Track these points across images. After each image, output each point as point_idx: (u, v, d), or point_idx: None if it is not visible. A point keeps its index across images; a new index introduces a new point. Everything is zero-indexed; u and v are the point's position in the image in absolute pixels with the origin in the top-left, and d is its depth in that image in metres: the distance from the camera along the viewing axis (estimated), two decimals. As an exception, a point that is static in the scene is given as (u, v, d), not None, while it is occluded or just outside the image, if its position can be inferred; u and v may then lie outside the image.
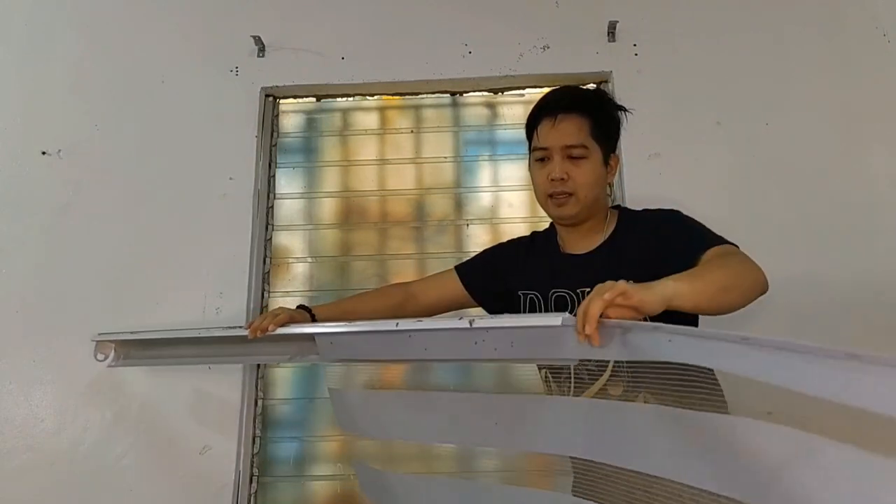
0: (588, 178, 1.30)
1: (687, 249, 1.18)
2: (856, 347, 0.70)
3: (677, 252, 1.18)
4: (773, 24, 2.12)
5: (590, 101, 1.34)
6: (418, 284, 1.57)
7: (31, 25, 2.29)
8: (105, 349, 1.68)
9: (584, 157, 1.29)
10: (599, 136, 1.31)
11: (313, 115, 2.26)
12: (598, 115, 1.32)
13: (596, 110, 1.32)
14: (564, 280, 1.33)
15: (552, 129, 1.31)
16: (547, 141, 1.31)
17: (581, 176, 1.30)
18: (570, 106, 1.31)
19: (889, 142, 2.02)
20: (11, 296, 2.04)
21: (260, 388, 2.01)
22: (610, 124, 1.35)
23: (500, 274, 1.46)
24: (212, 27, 2.24)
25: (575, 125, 1.30)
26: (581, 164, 1.30)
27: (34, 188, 2.13)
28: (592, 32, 2.14)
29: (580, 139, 1.29)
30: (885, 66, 2.08)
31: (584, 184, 1.30)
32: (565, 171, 1.29)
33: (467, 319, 1.14)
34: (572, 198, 1.30)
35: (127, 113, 2.18)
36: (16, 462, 1.92)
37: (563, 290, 1.33)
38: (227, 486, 1.86)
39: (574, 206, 1.31)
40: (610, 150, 1.35)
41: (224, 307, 1.99)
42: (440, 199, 2.16)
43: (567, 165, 1.29)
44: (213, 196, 2.08)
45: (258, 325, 1.36)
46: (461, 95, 2.23)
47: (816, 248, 1.92)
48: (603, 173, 1.33)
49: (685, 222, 1.29)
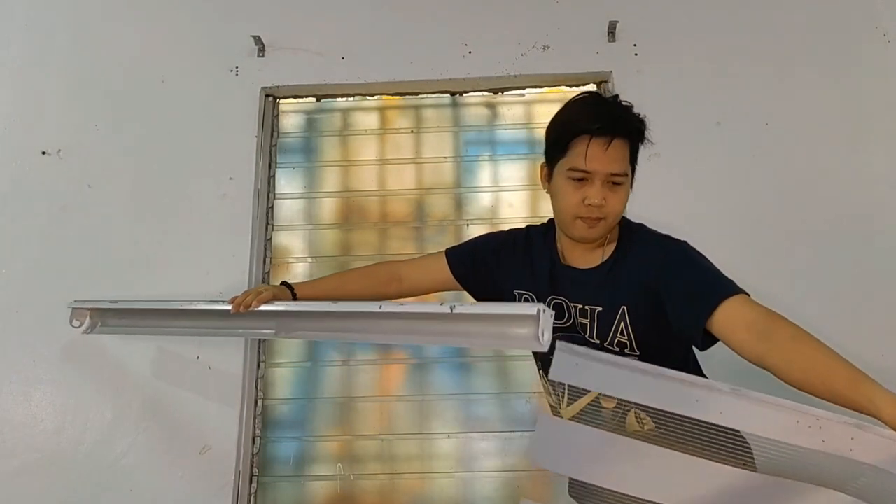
0: (622, 204, 1.26)
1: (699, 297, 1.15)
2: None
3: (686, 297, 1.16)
4: (773, 25, 2.12)
5: (634, 125, 1.26)
6: (406, 268, 1.55)
7: (31, 26, 2.29)
8: (80, 316, 1.71)
9: (622, 184, 1.24)
10: (633, 160, 1.27)
11: (313, 115, 2.26)
12: (636, 139, 1.26)
13: (638, 135, 1.26)
14: (562, 291, 1.32)
15: (603, 154, 1.21)
16: (593, 165, 1.21)
17: (617, 202, 1.24)
18: (621, 130, 1.23)
19: (889, 142, 2.02)
20: (11, 296, 2.04)
21: (260, 388, 2.01)
22: (639, 148, 1.29)
23: (490, 266, 1.43)
24: (212, 27, 2.24)
25: (622, 152, 1.23)
26: (618, 189, 1.24)
27: (34, 188, 2.13)
28: (592, 32, 2.14)
29: (624, 167, 1.23)
30: (885, 66, 2.08)
31: (617, 211, 1.25)
32: (603, 197, 1.22)
33: (448, 305, 1.23)
34: (602, 222, 1.24)
35: (127, 113, 2.18)
36: (16, 462, 1.92)
37: (561, 297, 1.32)
38: (227, 486, 1.86)
39: (602, 230, 1.26)
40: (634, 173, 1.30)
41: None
42: (440, 199, 2.16)
43: (605, 191, 1.23)
44: (213, 196, 2.08)
45: (241, 301, 1.39)
46: (461, 95, 2.23)
47: (816, 248, 1.93)
48: (628, 196, 1.29)
49: (695, 263, 1.23)
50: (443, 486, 1.93)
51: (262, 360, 2.03)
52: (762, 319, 1.10)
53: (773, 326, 1.09)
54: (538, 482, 1.92)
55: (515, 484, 1.92)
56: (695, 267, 1.22)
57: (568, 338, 1.24)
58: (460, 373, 1.99)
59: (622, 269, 1.27)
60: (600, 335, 1.26)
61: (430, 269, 1.51)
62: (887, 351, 1.87)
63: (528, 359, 2.00)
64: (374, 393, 2.01)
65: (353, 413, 2.00)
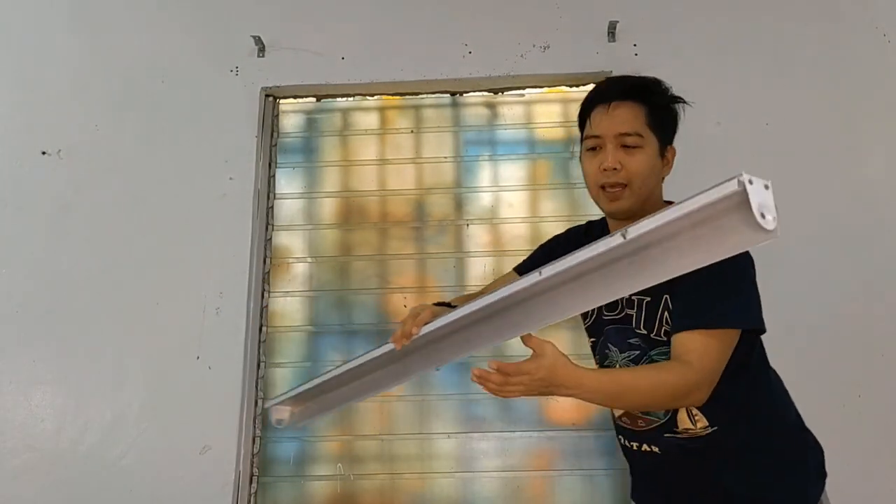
0: (643, 167, 1.21)
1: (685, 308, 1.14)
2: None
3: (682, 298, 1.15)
4: (773, 25, 2.12)
5: (646, 89, 1.25)
6: (495, 283, 1.53)
7: (31, 26, 2.29)
8: (282, 413, 1.51)
9: (639, 147, 1.21)
10: (655, 125, 1.23)
11: (313, 115, 2.26)
12: (655, 103, 1.24)
13: (652, 98, 1.24)
14: None
15: (606, 115, 1.23)
16: (600, 128, 1.23)
17: (635, 165, 1.21)
18: (625, 93, 1.23)
19: (889, 142, 2.02)
20: (11, 296, 2.04)
21: (260, 389, 2.01)
22: (666, 114, 1.26)
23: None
24: (212, 27, 2.24)
25: (630, 112, 1.22)
26: (635, 153, 1.21)
27: (34, 188, 2.13)
28: (592, 32, 2.14)
29: (635, 127, 1.21)
30: (885, 66, 2.08)
31: (639, 173, 1.21)
32: (618, 161, 1.20)
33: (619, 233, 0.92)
34: (626, 189, 1.22)
35: (127, 113, 2.18)
36: (16, 462, 1.92)
37: None
38: (227, 486, 1.86)
39: (628, 199, 1.22)
40: (667, 143, 1.26)
41: (224, 307, 1.99)
42: (440, 199, 2.16)
43: (620, 155, 1.21)
44: (213, 196, 2.08)
45: (401, 333, 1.21)
46: (461, 95, 2.23)
47: (816, 248, 1.93)
48: (658, 165, 1.24)
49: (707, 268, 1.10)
50: (443, 486, 1.93)
51: (263, 360, 2.03)
52: (684, 353, 1.11)
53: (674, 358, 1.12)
54: (538, 482, 1.92)
55: (515, 484, 1.92)
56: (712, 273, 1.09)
57: (616, 330, 1.25)
58: (460, 373, 1.99)
59: None
60: (647, 326, 1.22)
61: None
62: (887, 351, 1.87)
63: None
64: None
65: (353, 413, 2.00)
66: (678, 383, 1.09)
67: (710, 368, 1.10)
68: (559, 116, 2.20)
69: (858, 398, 1.81)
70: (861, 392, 1.82)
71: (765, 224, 0.80)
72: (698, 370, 1.09)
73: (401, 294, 2.08)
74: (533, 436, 1.95)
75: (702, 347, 1.10)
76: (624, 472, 1.90)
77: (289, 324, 2.08)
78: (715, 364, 1.11)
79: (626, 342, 1.25)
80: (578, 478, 1.91)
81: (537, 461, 1.93)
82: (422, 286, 2.08)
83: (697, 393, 1.11)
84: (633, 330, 1.25)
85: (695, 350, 1.10)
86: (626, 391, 1.10)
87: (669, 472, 1.30)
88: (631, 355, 1.25)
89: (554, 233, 2.13)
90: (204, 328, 1.97)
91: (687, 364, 1.10)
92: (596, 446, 1.93)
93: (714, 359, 1.10)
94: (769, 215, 0.80)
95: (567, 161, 2.16)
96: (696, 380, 1.09)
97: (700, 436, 1.22)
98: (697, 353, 1.10)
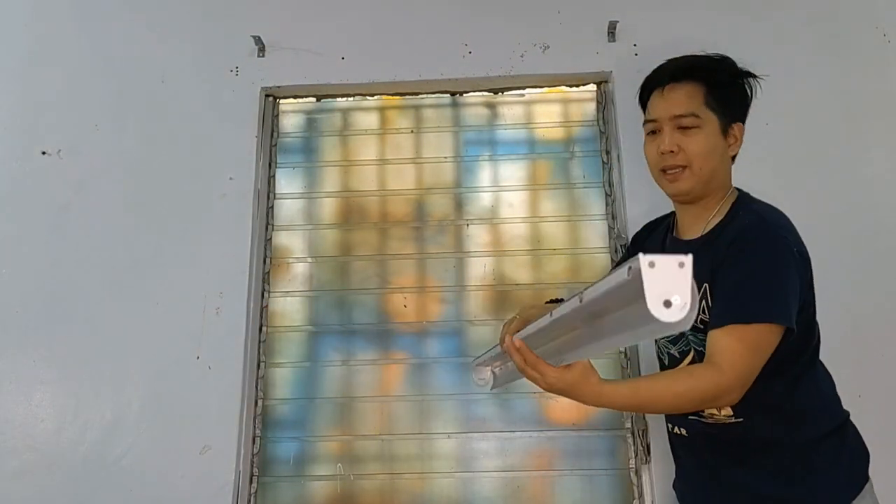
0: (701, 147, 1.20)
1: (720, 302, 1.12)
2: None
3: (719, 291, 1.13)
4: (774, 25, 2.12)
5: (702, 68, 1.24)
6: None
7: (31, 26, 2.29)
8: (483, 373, 1.52)
9: (697, 127, 1.21)
10: (714, 104, 1.22)
11: (313, 115, 2.26)
12: (713, 81, 1.23)
13: (710, 76, 1.23)
14: None
15: (661, 99, 1.24)
16: (656, 112, 1.24)
17: (694, 146, 1.20)
18: (679, 74, 1.24)
19: (889, 141, 2.02)
20: (11, 296, 2.04)
21: (260, 388, 2.01)
22: (729, 91, 1.24)
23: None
24: (212, 27, 2.24)
25: (685, 93, 1.22)
26: (693, 134, 1.21)
27: (34, 188, 2.13)
28: (592, 32, 2.13)
29: (690, 108, 1.21)
30: (885, 66, 2.08)
31: (698, 154, 1.21)
32: (676, 143, 1.21)
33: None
34: (686, 171, 1.22)
35: (127, 113, 2.18)
36: (16, 462, 1.92)
37: None
38: (227, 486, 1.86)
39: (689, 181, 1.22)
40: (731, 120, 1.24)
41: (224, 307, 1.99)
42: (440, 199, 2.16)
43: (678, 137, 1.21)
44: (213, 196, 2.08)
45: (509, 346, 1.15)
46: (461, 95, 2.23)
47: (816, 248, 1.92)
48: (720, 144, 1.23)
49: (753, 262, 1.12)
50: (443, 486, 1.93)
51: (262, 360, 2.03)
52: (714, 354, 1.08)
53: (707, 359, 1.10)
54: (538, 482, 1.92)
55: (515, 484, 1.92)
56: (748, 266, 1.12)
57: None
58: (460, 373, 1.99)
59: (717, 244, 1.19)
60: (702, 310, 1.20)
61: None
62: (887, 350, 1.87)
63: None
64: (374, 393, 2.01)
65: (353, 413, 2.00)
66: (707, 389, 1.07)
67: (742, 371, 1.07)
68: (559, 116, 2.20)
69: (858, 398, 1.80)
70: (861, 392, 1.82)
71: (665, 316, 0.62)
72: (728, 374, 1.07)
73: (401, 294, 2.08)
74: (533, 436, 1.95)
75: (733, 348, 1.08)
76: (624, 473, 1.91)
77: (289, 324, 2.08)
78: (747, 366, 1.08)
79: None
80: (578, 478, 1.91)
81: (537, 461, 1.93)
82: (422, 286, 2.08)
83: (728, 396, 1.09)
84: None
85: (726, 351, 1.08)
86: (648, 402, 1.10)
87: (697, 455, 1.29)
88: (671, 338, 1.25)
89: (554, 233, 2.15)
90: (204, 328, 1.97)
91: (716, 368, 1.07)
92: (596, 446, 1.93)
93: (746, 360, 1.08)
94: (678, 300, 0.63)
95: (567, 161, 2.16)
96: (727, 384, 1.07)
97: (724, 423, 1.20)
98: (728, 354, 1.08)
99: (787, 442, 1.18)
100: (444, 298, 2.07)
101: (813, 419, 1.21)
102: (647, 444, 1.86)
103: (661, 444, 1.74)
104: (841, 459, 1.20)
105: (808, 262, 1.19)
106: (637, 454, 1.89)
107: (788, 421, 1.19)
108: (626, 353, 1.96)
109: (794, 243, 1.15)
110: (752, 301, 1.10)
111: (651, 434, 1.86)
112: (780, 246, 1.14)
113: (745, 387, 1.08)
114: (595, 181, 2.13)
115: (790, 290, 1.13)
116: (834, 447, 1.21)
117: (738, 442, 1.20)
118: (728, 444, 1.22)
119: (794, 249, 1.15)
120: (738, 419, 1.19)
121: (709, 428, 1.23)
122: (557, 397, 1.90)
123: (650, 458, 1.85)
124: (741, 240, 1.15)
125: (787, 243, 1.14)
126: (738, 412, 1.18)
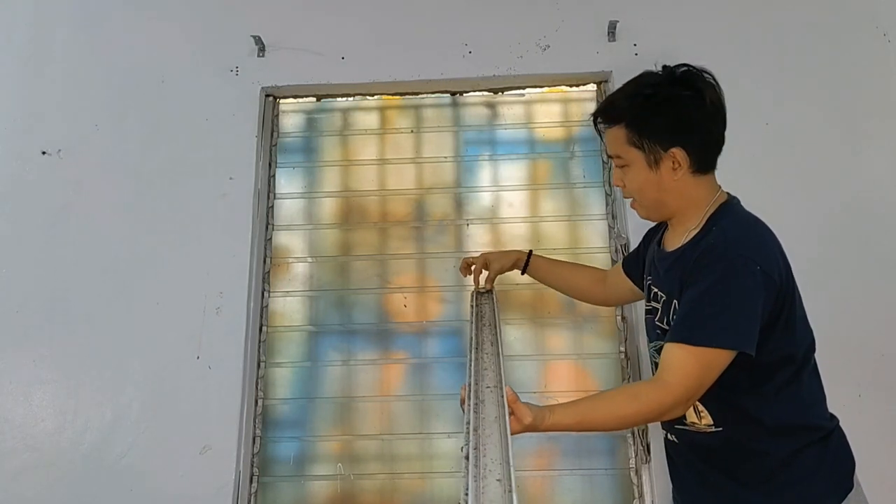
0: (634, 184, 1.28)
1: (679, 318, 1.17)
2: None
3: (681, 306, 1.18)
4: (774, 25, 2.12)
5: (620, 108, 1.28)
6: (608, 273, 1.68)
7: (31, 26, 2.29)
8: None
9: (627, 166, 1.28)
10: (637, 140, 1.25)
11: (313, 115, 2.26)
12: (633, 119, 1.26)
13: (629, 114, 1.26)
14: (652, 273, 1.36)
15: (604, 140, 1.33)
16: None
17: (630, 182, 1.29)
18: (604, 117, 1.31)
19: (889, 142, 2.02)
20: (11, 296, 2.04)
21: (260, 388, 2.01)
22: (651, 123, 1.25)
23: (641, 256, 1.50)
24: (212, 27, 2.24)
25: (611, 136, 1.30)
26: (627, 171, 1.29)
27: (34, 188, 2.13)
28: (592, 32, 2.14)
29: (614, 150, 1.29)
30: (885, 66, 2.08)
31: (635, 189, 1.29)
32: (620, 179, 1.31)
33: None
34: (636, 203, 1.32)
35: (127, 113, 2.18)
36: (16, 462, 1.92)
37: (651, 280, 1.36)
38: (227, 486, 1.86)
39: (641, 210, 1.33)
40: (664, 148, 1.23)
41: (224, 307, 1.99)
42: (440, 198, 2.16)
43: (619, 173, 1.31)
44: (213, 196, 2.08)
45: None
46: (461, 95, 2.23)
47: (815, 248, 1.92)
48: (652, 177, 1.25)
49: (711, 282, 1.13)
50: (443, 486, 1.93)
51: (262, 360, 2.03)
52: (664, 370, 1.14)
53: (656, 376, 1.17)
54: (538, 482, 1.92)
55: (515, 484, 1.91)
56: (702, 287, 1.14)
57: (648, 319, 1.33)
58: (460, 372, 1.99)
59: (687, 258, 1.21)
60: (665, 321, 1.26)
61: (618, 278, 1.60)
62: (887, 350, 1.87)
63: (528, 358, 2.00)
64: (374, 393, 2.01)
65: (353, 413, 2.00)
66: (651, 410, 1.14)
67: (689, 387, 1.12)
68: (559, 116, 2.20)
69: (858, 398, 1.81)
70: (861, 392, 1.82)
71: None
72: (674, 391, 1.12)
73: (401, 294, 2.08)
74: (533, 436, 1.94)
75: (683, 365, 1.12)
76: (624, 472, 1.91)
77: (289, 324, 2.08)
78: (694, 383, 1.12)
79: (654, 331, 1.30)
80: (578, 478, 1.91)
81: (537, 461, 1.93)
82: (422, 286, 2.08)
83: (672, 412, 1.15)
84: (656, 322, 1.29)
85: (675, 367, 1.12)
86: (589, 421, 1.15)
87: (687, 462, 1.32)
88: (656, 345, 1.29)
89: (554, 233, 2.16)
90: (204, 328, 1.97)
91: (663, 385, 1.13)
92: (596, 446, 1.93)
93: (694, 378, 1.11)
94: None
95: (567, 161, 2.16)
96: (671, 402, 1.12)
97: (706, 432, 1.23)
98: (677, 370, 1.12)
99: (769, 451, 1.19)
100: (444, 298, 2.07)
101: (792, 433, 1.20)
102: (647, 444, 1.86)
103: (660, 444, 1.74)
104: (824, 467, 1.20)
105: (775, 281, 1.14)
106: (637, 454, 1.89)
107: (768, 433, 1.19)
108: (625, 353, 1.96)
109: (758, 262, 1.13)
110: (702, 324, 1.12)
111: (651, 434, 1.86)
112: (737, 267, 1.12)
113: (690, 402, 1.15)
114: (595, 181, 2.13)
115: (746, 313, 1.11)
116: (817, 456, 1.20)
117: (722, 450, 1.23)
118: (713, 452, 1.25)
119: (755, 269, 1.12)
120: (718, 428, 1.21)
121: (695, 436, 1.25)
122: (557, 396, 1.92)
123: (650, 458, 1.85)
124: (702, 259, 1.17)
125: (747, 264, 1.12)
126: (717, 422, 1.21)
